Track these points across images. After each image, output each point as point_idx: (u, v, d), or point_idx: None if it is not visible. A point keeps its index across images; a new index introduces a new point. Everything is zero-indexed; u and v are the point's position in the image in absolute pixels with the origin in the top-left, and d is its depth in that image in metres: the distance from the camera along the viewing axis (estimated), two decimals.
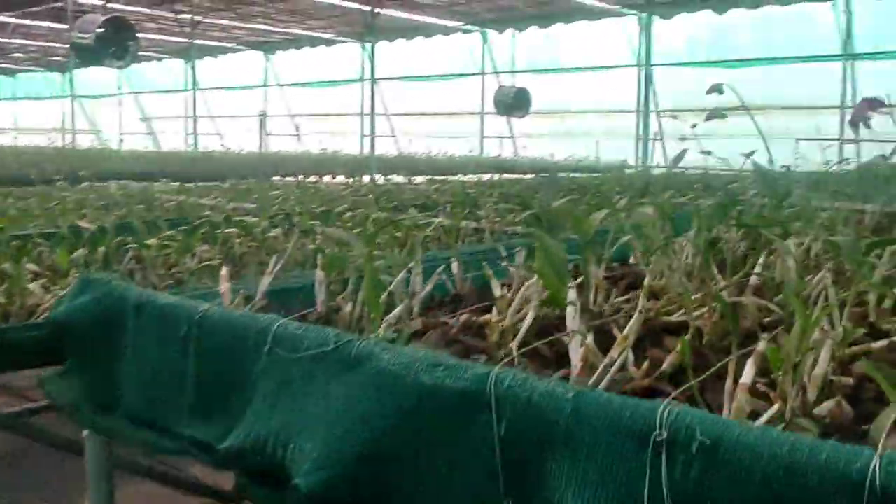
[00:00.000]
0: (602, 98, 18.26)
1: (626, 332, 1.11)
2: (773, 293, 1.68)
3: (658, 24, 16.14)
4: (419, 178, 11.05)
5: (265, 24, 19.57)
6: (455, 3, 16.30)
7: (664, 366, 1.13)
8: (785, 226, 1.89)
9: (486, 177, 13.28)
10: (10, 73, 30.09)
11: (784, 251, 1.52)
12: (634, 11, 16.47)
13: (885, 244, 1.50)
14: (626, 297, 1.69)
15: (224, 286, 1.41)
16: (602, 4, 15.73)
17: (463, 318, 1.38)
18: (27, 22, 19.48)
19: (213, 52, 23.84)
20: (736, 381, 0.94)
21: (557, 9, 16.38)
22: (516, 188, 6.89)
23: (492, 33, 18.78)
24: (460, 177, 13.14)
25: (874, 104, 1.69)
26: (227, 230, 3.00)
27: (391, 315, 1.24)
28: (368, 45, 20.52)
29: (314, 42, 21.45)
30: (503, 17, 17.66)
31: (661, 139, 17.73)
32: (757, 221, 1.85)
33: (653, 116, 17.44)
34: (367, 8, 14.52)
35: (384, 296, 1.38)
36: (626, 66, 17.35)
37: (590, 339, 1.08)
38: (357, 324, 1.38)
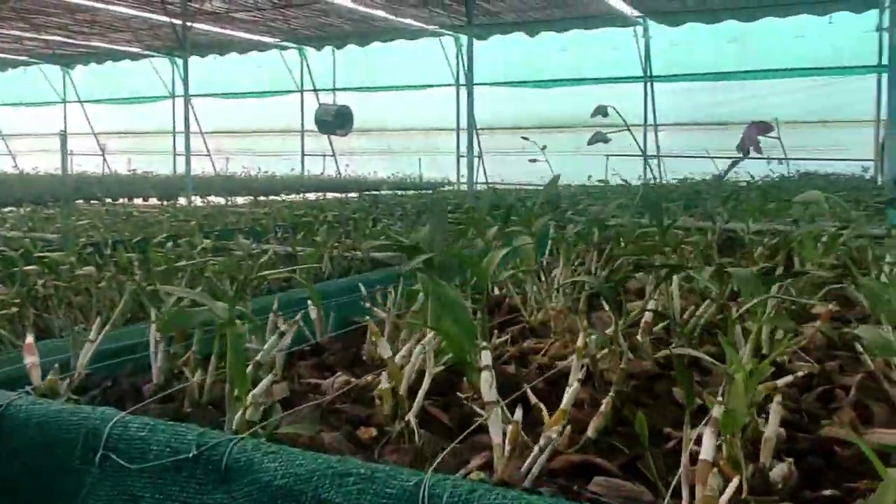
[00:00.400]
0: (424, 116, 18.45)
1: (564, 405, 0.93)
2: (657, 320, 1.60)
3: (476, 44, 16.53)
4: (241, 200, 10.56)
5: (62, 35, 18.05)
6: (271, 19, 15.81)
7: (589, 431, 0.97)
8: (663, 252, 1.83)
9: (312, 196, 13.00)
10: None
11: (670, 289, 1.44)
12: (451, 32, 16.77)
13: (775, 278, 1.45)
14: (507, 335, 1.54)
15: (30, 359, 1.10)
16: (420, 24, 15.85)
17: (338, 381, 1.16)
18: None
19: (2, 65, 21.74)
20: (692, 456, 0.80)
21: (375, 27, 16.33)
22: (349, 209, 6.67)
23: (310, 50, 18.41)
24: (283, 197, 12.75)
25: (763, 128, 1.65)
26: (26, 267, 2.58)
27: (257, 389, 0.99)
28: (180, 60, 19.57)
29: (117, 56, 20.08)
30: (321, 35, 17.37)
31: (480, 157, 18.16)
32: (640, 250, 1.76)
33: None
34: (178, 22, 13.73)
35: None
36: (445, 84, 17.63)
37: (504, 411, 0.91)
38: (211, 397, 1.12)
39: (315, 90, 19.00)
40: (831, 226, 3.02)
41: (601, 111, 1.83)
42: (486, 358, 0.94)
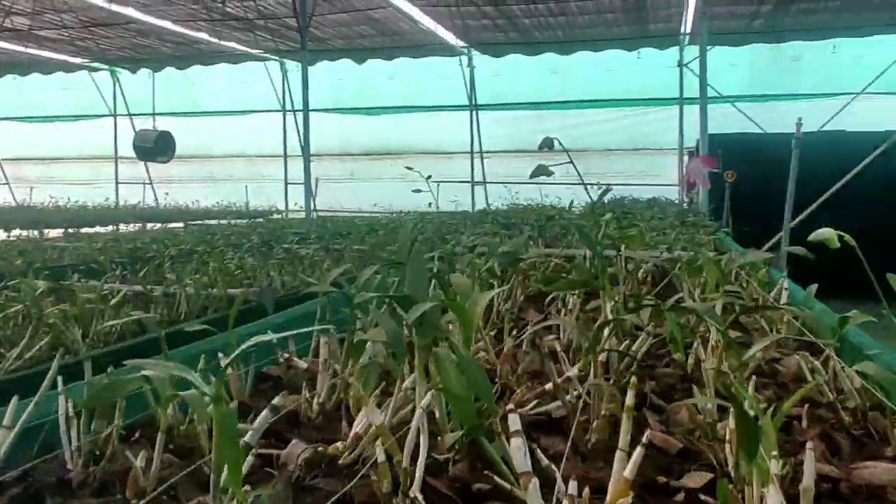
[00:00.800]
0: (249, 142, 17.86)
1: (627, 473, 0.80)
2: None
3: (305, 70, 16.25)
4: (54, 233, 9.63)
5: None
6: (79, 38, 14.68)
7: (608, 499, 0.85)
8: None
9: (131, 227, 12.14)
10: None
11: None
12: (276, 57, 16.39)
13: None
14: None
15: None
16: (244, 48, 15.36)
17: (302, 451, 0.96)
18: None
19: None
20: None
21: (197, 50, 15.63)
22: (188, 241, 6.22)
23: (123, 73, 17.32)
24: (98, 229, 11.80)
25: (708, 160, 1.62)
26: None
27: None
28: None
29: None
30: (136, 56, 16.38)
31: (314, 184, 17.80)
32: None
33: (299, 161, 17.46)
34: None
35: None
36: (272, 110, 17.19)
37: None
38: (157, 483, 0.90)
39: (130, 115, 17.89)
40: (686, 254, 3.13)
41: (547, 143, 1.75)
42: (514, 423, 0.79)
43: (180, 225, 12.83)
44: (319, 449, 0.98)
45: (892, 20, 12.82)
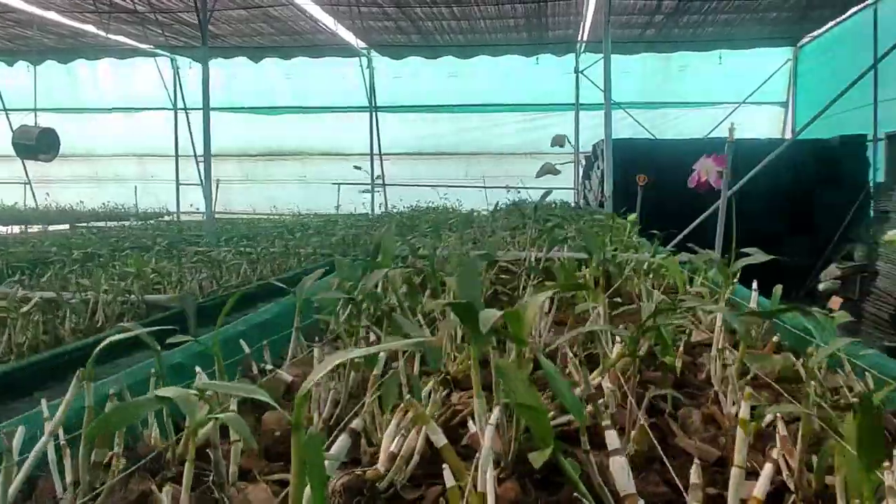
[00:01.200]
0: (137, 141, 17.09)
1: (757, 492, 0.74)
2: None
3: (197, 68, 15.66)
4: None
5: None
6: None
7: None
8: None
9: (9, 230, 11.33)
10: None
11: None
12: (166, 53, 15.75)
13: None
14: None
15: None
16: (134, 43, 14.66)
17: (342, 479, 0.86)
18: None
19: None
20: None
21: (82, 43, 14.80)
22: (90, 245, 5.85)
23: None
24: None
25: (720, 159, 1.60)
26: None
27: None
28: None
29: None
30: (13, 48, 15.36)
31: (215, 186, 17.19)
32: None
33: (192, 161, 16.87)
34: None
35: None
36: (163, 108, 16.50)
37: None
38: None
39: (5, 110, 16.76)
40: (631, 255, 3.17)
41: (559, 140, 1.70)
42: (612, 440, 0.73)
43: (65, 227, 12.12)
44: (357, 472, 0.89)
45: (774, 34, 13.59)
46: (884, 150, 10.51)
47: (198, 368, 1.24)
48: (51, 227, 12.22)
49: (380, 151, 16.21)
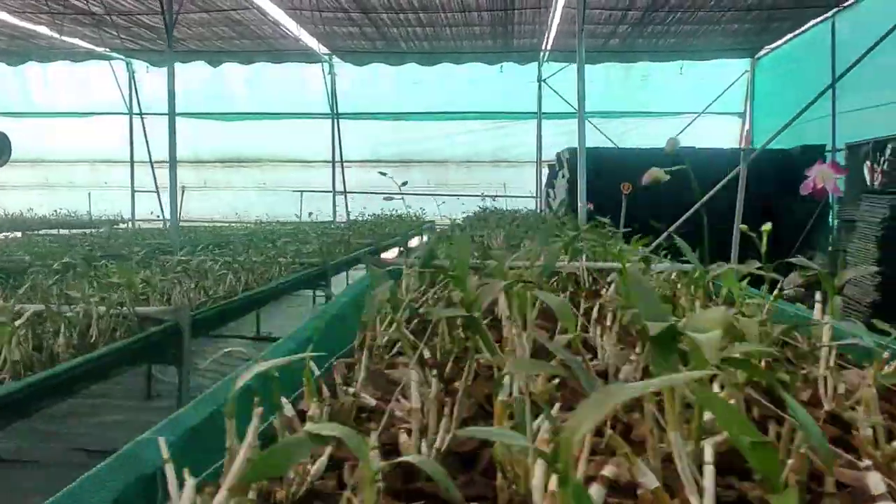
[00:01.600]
0: (93, 147, 16.60)
1: None
2: None
3: (154, 73, 15.28)
4: None
5: None
6: None
7: None
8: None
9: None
10: None
11: None
12: (122, 56, 15.32)
13: None
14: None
15: None
16: (89, 46, 14.22)
17: None
18: None
19: None
20: None
21: (33, 45, 14.29)
22: (58, 252, 5.56)
23: None
24: None
25: (837, 167, 1.51)
26: None
27: None
28: None
29: None
30: None
31: (180, 192, 16.77)
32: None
33: (147, 167, 16.45)
34: None
35: None
36: (117, 112, 16.04)
37: None
38: None
39: None
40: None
41: (674, 144, 1.59)
42: (876, 484, 0.62)
43: (16, 234, 11.65)
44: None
45: (734, 45, 13.81)
46: (843, 160, 10.74)
47: (284, 399, 1.08)
48: (10, 234, 11.74)
49: (341, 159, 15.99)
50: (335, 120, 15.71)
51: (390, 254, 8.50)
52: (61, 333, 2.59)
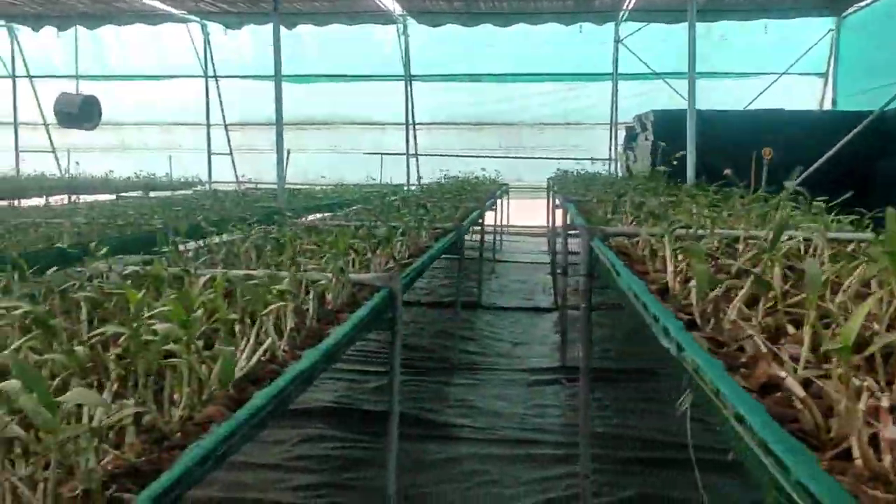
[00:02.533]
0: (168, 110, 16.66)
1: None
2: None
3: (229, 34, 15.26)
4: None
5: None
6: None
7: None
8: None
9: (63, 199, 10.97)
10: None
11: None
12: (196, 18, 15.25)
13: None
14: None
15: None
16: (162, 6, 14.14)
17: None
18: None
19: None
20: None
21: (113, 8, 14.28)
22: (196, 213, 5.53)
23: (23, 30, 15.63)
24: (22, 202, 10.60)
25: None
26: None
27: None
28: None
29: None
30: (40, 13, 14.82)
31: (231, 154, 16.84)
32: None
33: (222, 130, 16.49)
34: None
35: None
36: (194, 75, 16.03)
37: None
38: None
39: (29, 76, 16.25)
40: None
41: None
42: None
43: (109, 197, 11.76)
44: None
45: (816, 3, 13.30)
46: None
47: None
48: (90, 198, 11.85)
49: (413, 121, 15.83)
50: (408, 82, 15.51)
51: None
52: (311, 303, 2.52)
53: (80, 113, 11.04)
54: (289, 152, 8.76)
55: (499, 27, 14.44)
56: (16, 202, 10.75)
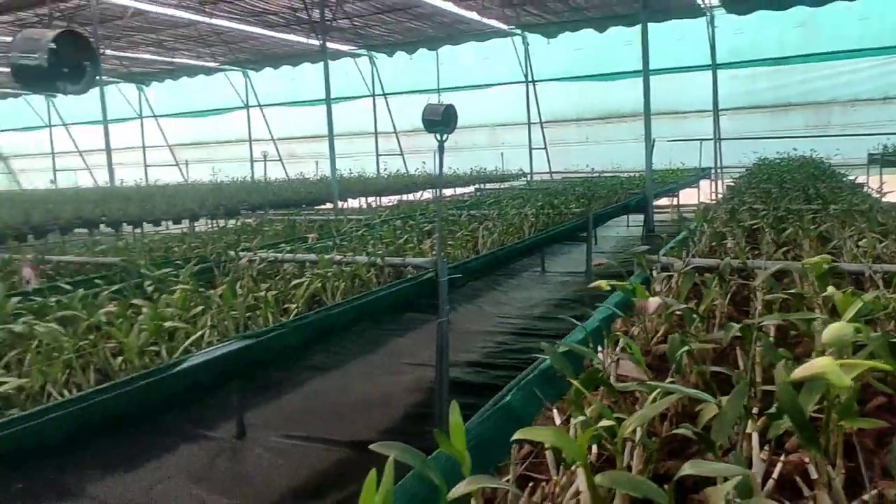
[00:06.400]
0: (492, 113, 17.38)
1: None
2: None
3: (540, 42, 15.56)
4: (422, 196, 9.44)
5: (143, 52, 16.60)
6: (351, 28, 14.58)
7: None
8: None
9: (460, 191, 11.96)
10: None
11: None
12: (518, 31, 15.64)
13: None
14: None
15: None
16: (491, 22, 14.66)
17: None
18: None
19: None
20: None
21: (455, 30, 15.17)
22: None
23: (380, 57, 17.22)
24: (413, 196, 11.64)
25: None
26: None
27: None
28: (254, 73, 18.31)
29: (192, 71, 18.63)
30: (393, 42, 16.18)
31: (545, 149, 17.13)
32: None
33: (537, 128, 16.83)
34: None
35: None
36: (514, 82, 16.53)
37: None
38: None
39: (384, 94, 17.85)
40: None
41: None
42: None
43: (467, 190, 12.53)
44: None
45: None
46: None
47: None
48: (448, 191, 12.69)
49: (716, 108, 14.91)
50: (714, 70, 14.64)
51: None
52: None
53: (441, 119, 11.78)
54: (654, 141, 8.55)
55: (811, 7, 13.02)
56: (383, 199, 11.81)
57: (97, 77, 6.66)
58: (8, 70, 7.56)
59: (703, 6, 13.55)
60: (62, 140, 21.51)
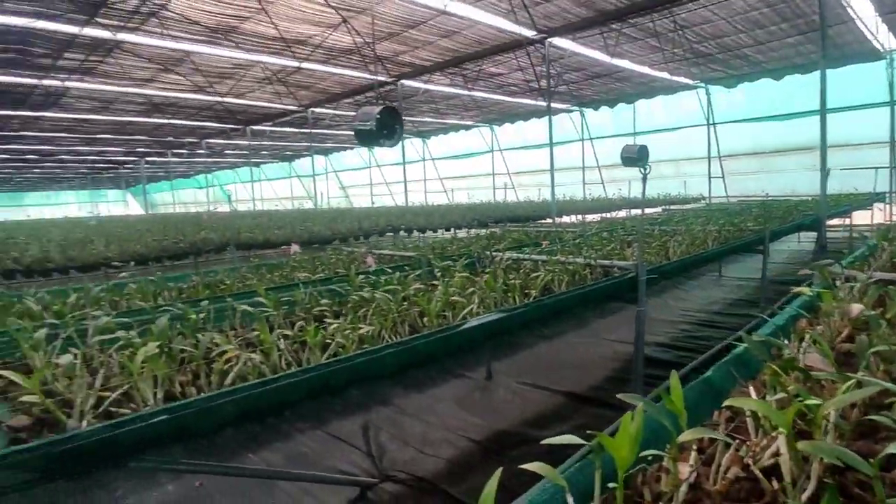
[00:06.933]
0: (678, 149, 16.01)
1: None
2: None
3: (722, 91, 13.90)
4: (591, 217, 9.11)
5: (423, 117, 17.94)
6: (567, 91, 14.37)
7: None
8: None
9: (649, 211, 11.35)
10: (256, 164, 29.47)
11: None
12: (703, 84, 14.18)
13: None
14: None
15: None
16: (679, 79, 13.45)
17: None
18: (271, 128, 18.50)
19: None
20: None
21: (642, 89, 14.24)
22: None
23: (589, 111, 16.77)
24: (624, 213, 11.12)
25: None
26: None
27: None
28: (498, 126, 18.76)
29: (456, 128, 19.77)
30: (598, 99, 15.63)
31: (722, 177, 15.34)
32: None
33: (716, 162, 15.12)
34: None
35: None
36: (697, 125, 15.05)
37: None
38: None
39: (591, 139, 17.27)
40: None
41: None
42: None
43: (655, 210, 11.66)
44: None
45: None
46: None
47: None
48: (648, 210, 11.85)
49: (893, 140, 12.13)
50: (892, 107, 11.93)
51: None
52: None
53: (637, 156, 11.08)
54: (829, 171, 7.26)
55: None
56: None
57: (402, 135, 7.26)
58: (351, 133, 8.67)
59: (882, 51, 11.13)
60: (377, 175, 24.12)
